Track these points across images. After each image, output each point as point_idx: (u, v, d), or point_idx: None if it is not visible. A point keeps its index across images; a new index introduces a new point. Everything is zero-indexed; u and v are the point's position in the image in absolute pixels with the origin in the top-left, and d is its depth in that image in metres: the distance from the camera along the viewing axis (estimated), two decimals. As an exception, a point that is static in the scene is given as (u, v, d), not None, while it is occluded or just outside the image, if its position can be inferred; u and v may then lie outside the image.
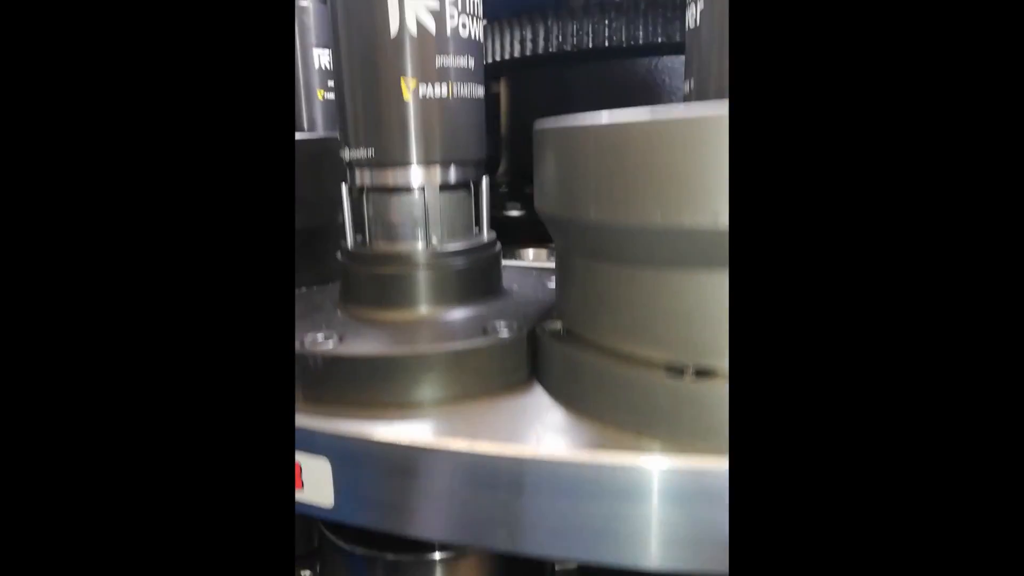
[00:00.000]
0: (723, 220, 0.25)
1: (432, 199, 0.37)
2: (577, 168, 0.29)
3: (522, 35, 0.67)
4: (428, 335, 0.35)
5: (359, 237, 0.40)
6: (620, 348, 0.30)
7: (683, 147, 0.25)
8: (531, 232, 0.64)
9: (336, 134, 0.39)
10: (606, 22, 0.66)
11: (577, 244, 0.32)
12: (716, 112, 0.24)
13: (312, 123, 0.52)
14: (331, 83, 0.52)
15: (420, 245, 0.38)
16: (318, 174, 0.45)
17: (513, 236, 0.66)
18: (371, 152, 0.37)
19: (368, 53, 0.36)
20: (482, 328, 0.35)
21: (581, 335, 0.32)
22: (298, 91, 0.50)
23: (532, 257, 0.67)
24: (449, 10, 0.35)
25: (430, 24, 0.35)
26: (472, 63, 0.37)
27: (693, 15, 0.34)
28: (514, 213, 0.67)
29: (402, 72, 0.35)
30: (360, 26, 0.35)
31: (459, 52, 0.36)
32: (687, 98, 0.36)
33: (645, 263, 0.28)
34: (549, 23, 0.66)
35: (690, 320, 0.28)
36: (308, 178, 0.43)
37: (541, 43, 0.66)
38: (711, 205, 0.25)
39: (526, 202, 0.68)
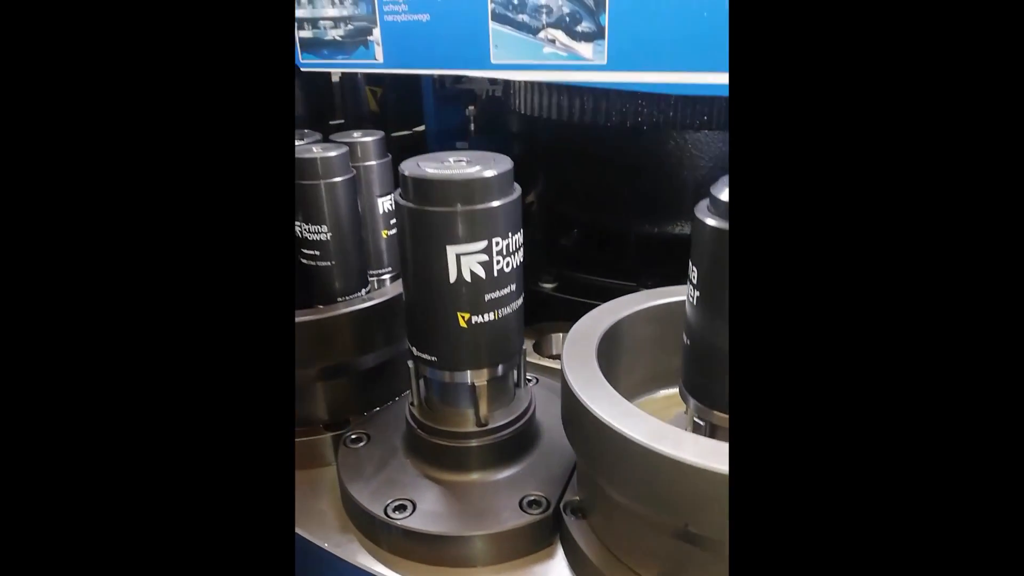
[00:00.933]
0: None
1: (481, 391, 0.48)
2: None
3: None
4: (478, 503, 0.47)
5: (424, 408, 0.51)
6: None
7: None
8: (563, 308, 0.73)
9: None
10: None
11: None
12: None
13: (379, 256, 0.61)
14: (393, 222, 0.60)
15: (471, 424, 0.49)
16: (390, 326, 0.56)
17: (544, 311, 0.75)
18: (433, 358, 0.47)
19: (431, 293, 0.45)
20: (519, 502, 0.46)
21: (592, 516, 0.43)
22: (366, 231, 0.59)
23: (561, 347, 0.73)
24: (496, 259, 0.44)
25: (481, 272, 0.44)
26: (514, 286, 0.46)
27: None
28: (547, 286, 0.76)
29: (459, 308, 0.45)
30: (426, 272, 0.45)
31: (504, 285, 0.45)
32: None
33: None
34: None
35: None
36: (381, 328, 0.54)
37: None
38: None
39: (558, 274, 0.77)
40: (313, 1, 0.60)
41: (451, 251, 0.43)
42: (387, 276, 0.62)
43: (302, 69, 0.64)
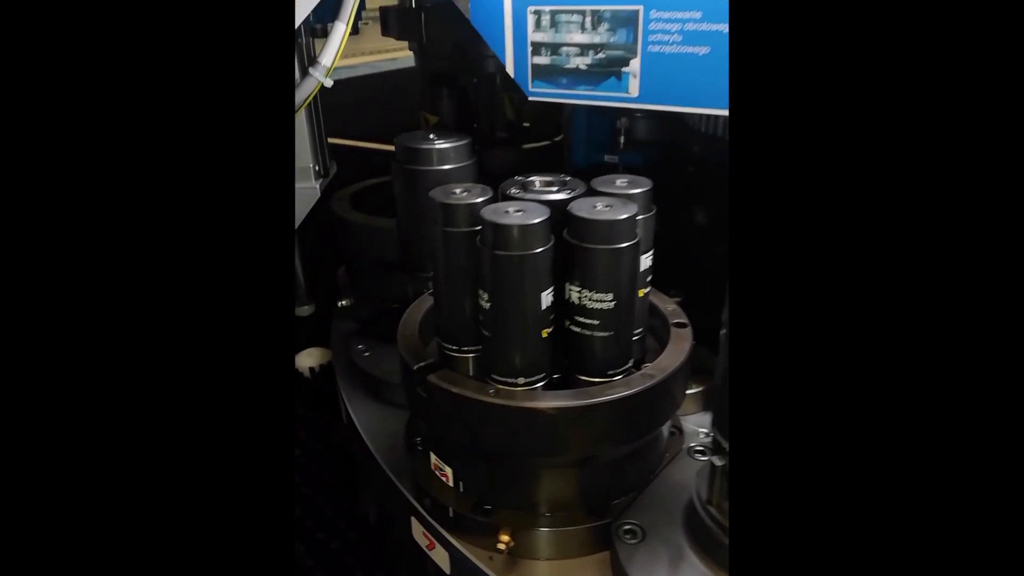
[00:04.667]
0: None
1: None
2: None
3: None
4: None
5: (721, 507, 0.45)
6: None
7: None
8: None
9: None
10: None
11: None
12: None
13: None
14: (649, 279, 0.54)
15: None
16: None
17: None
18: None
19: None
20: None
21: None
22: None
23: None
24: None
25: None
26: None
27: None
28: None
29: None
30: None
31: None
32: None
33: None
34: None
35: None
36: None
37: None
38: None
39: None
40: (557, 26, 0.53)
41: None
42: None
43: (530, 99, 0.57)
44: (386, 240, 0.81)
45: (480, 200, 0.48)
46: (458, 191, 0.50)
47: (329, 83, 0.62)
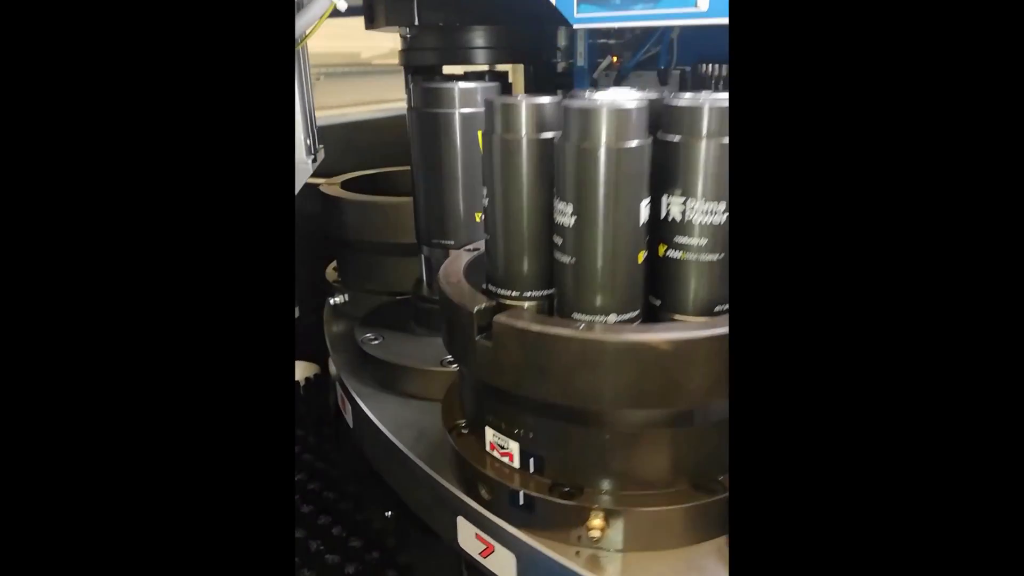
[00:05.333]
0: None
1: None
2: None
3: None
4: None
5: None
6: None
7: None
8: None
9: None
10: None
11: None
12: None
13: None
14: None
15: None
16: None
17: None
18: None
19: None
20: None
21: None
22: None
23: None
24: None
25: None
26: None
27: None
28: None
29: None
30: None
31: None
32: None
33: None
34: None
35: None
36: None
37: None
38: None
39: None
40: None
41: None
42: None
43: (574, 26, 0.49)
44: (389, 219, 0.71)
45: (548, 101, 0.39)
46: (517, 96, 0.41)
47: (343, 6, 0.52)
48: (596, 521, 0.38)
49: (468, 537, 0.45)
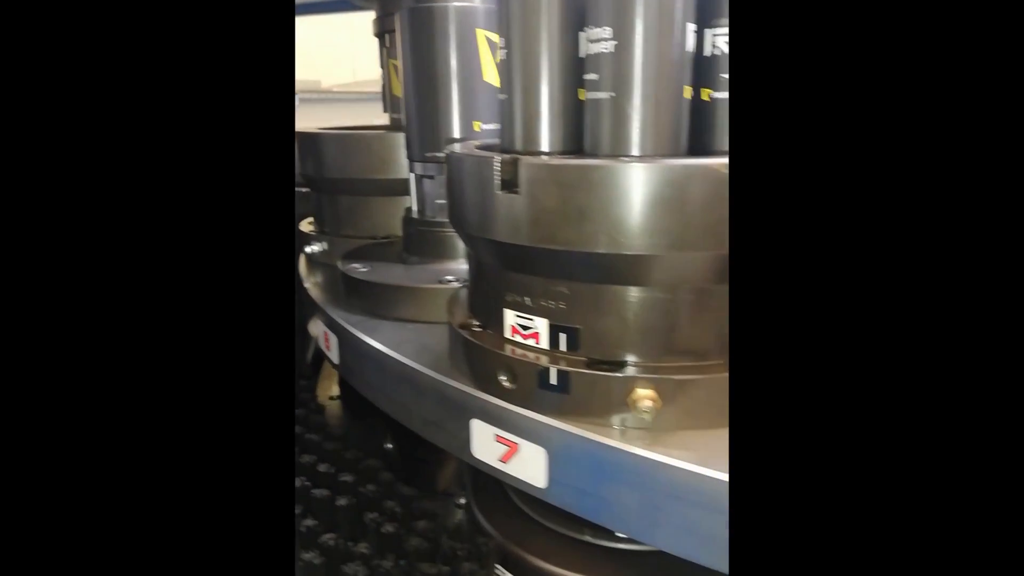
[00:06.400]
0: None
1: None
2: None
3: None
4: None
5: None
6: None
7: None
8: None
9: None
10: None
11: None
12: None
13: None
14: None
15: None
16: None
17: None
18: None
19: None
20: None
21: None
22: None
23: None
24: None
25: None
26: None
27: None
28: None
29: None
30: None
31: None
32: None
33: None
34: None
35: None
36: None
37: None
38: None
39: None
40: None
41: None
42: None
43: None
44: (372, 152, 0.66)
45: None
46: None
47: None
48: (646, 392, 0.33)
49: (485, 442, 0.40)
